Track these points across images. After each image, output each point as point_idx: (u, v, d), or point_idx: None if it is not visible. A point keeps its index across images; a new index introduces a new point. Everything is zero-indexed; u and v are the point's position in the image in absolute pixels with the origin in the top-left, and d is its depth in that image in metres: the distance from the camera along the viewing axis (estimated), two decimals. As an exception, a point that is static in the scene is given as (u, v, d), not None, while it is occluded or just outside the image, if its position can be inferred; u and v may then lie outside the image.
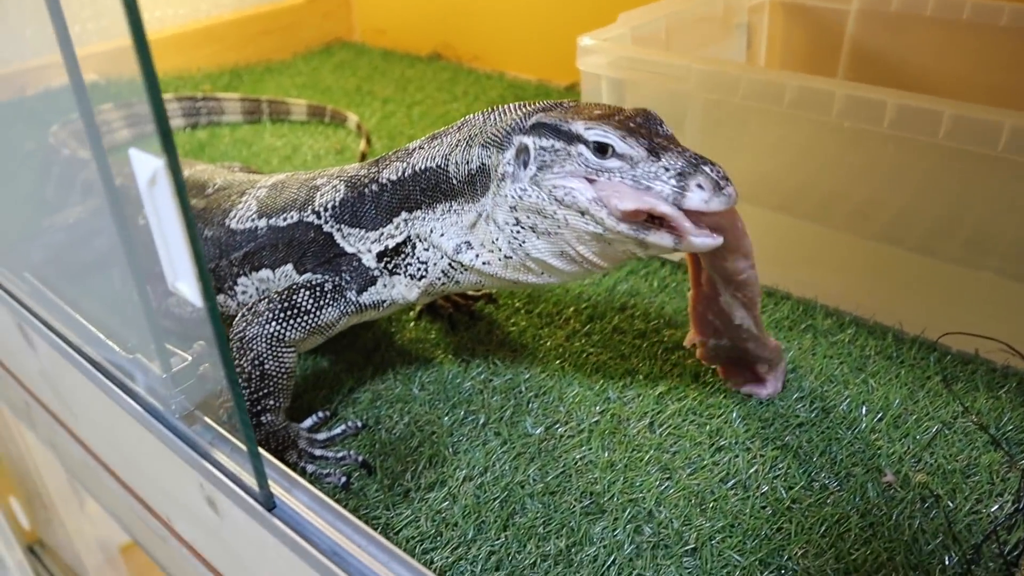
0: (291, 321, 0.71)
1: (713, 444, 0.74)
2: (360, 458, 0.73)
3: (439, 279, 0.74)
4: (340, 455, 0.73)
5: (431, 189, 0.72)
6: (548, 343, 0.89)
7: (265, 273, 0.78)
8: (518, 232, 0.66)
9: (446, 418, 0.79)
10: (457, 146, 0.70)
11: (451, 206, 0.71)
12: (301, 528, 0.52)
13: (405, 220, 0.73)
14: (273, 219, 0.77)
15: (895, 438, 0.73)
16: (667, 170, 0.59)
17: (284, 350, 0.71)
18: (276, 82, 1.76)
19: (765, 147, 0.97)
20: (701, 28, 1.19)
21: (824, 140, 0.88)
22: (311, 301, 0.73)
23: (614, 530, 0.67)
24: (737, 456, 0.73)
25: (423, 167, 0.72)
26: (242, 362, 0.70)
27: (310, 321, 0.72)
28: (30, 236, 0.95)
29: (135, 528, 0.86)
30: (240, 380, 0.70)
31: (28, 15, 1.74)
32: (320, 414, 0.78)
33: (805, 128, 0.88)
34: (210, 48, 1.89)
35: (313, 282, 0.74)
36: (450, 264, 0.73)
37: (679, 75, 0.91)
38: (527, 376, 0.84)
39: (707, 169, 0.59)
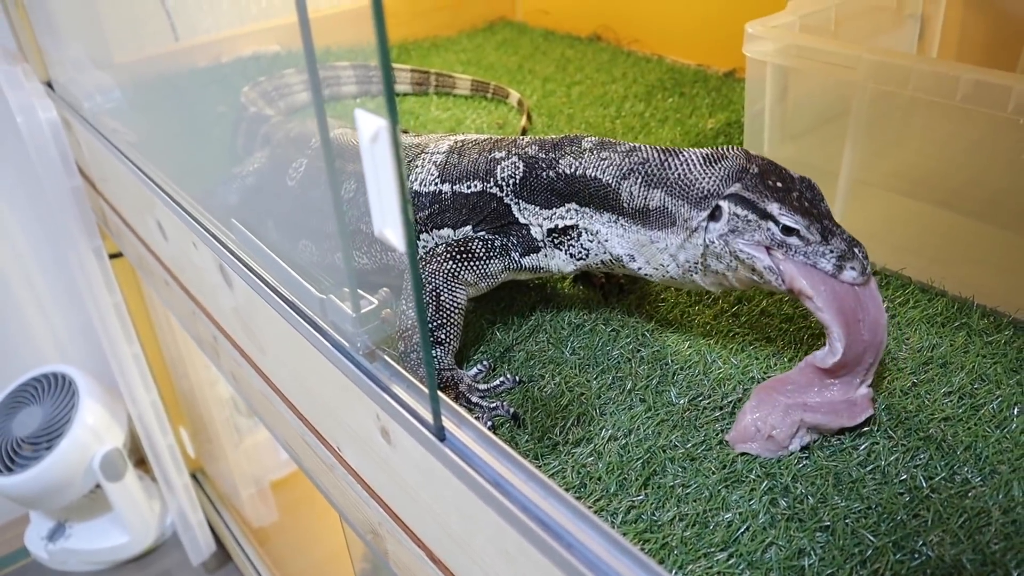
0: (464, 263, 0.83)
1: (854, 429, 0.76)
2: (512, 411, 0.79)
3: (597, 264, 0.85)
4: (493, 405, 0.80)
5: (600, 198, 0.82)
6: (696, 320, 0.92)
7: (447, 232, 0.88)
8: (692, 267, 0.79)
9: (595, 382, 0.84)
10: (631, 176, 0.81)
11: (618, 220, 0.82)
12: (468, 458, 0.58)
13: (575, 210, 0.84)
14: (457, 186, 0.87)
15: (1047, 441, 0.73)
16: (832, 252, 0.71)
17: (458, 286, 0.83)
18: (441, 58, 1.84)
19: (932, 141, 0.96)
20: (872, 17, 1.18)
21: (997, 137, 0.86)
22: (482, 251, 0.85)
23: (750, 500, 0.70)
24: (878, 443, 0.74)
25: (593, 175, 0.83)
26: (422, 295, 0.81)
27: (479, 267, 0.84)
28: (230, 186, 1.06)
29: (304, 456, 0.96)
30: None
31: (225, -9, 1.89)
32: (484, 363, 0.85)
33: (977, 123, 0.87)
34: (381, 23, 2.00)
35: (486, 237, 0.85)
36: (612, 260, 0.84)
37: (847, 64, 0.91)
38: (674, 350, 0.87)
39: (858, 253, 0.71)
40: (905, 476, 0.71)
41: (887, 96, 0.93)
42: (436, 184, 0.88)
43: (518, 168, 0.86)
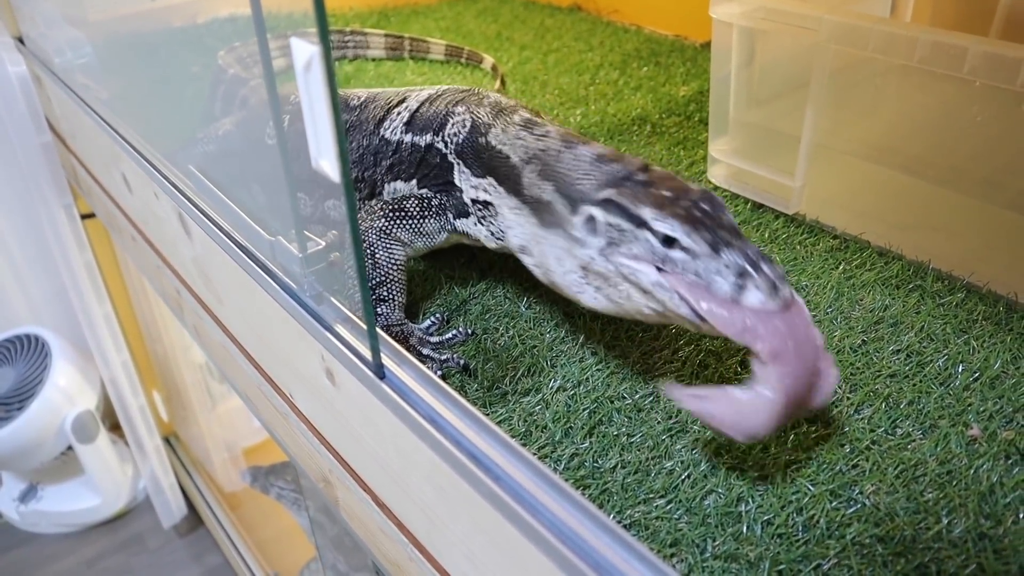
0: (398, 221, 0.80)
1: (802, 384, 0.76)
2: (462, 362, 0.79)
3: (514, 249, 0.79)
4: (444, 357, 0.80)
5: (509, 177, 0.76)
6: (652, 279, 0.92)
7: (399, 184, 0.86)
8: (580, 282, 0.70)
9: (548, 335, 0.84)
10: (533, 162, 0.74)
11: (519, 205, 0.75)
12: (406, 395, 0.59)
13: (493, 187, 0.78)
14: (416, 136, 0.85)
15: (988, 397, 0.73)
16: (728, 267, 0.60)
17: (392, 244, 0.80)
18: (421, 24, 1.83)
19: (895, 107, 0.96)
20: (844, -15, 1.17)
21: (956, 100, 0.87)
22: (416, 209, 0.81)
23: (693, 449, 0.70)
24: (824, 397, 0.75)
25: (506, 152, 0.77)
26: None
27: (413, 225, 0.81)
28: (196, 139, 1.06)
29: (261, 407, 0.96)
30: None
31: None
32: (437, 316, 0.85)
33: (937, 86, 0.87)
34: (363, -12, 1.99)
35: (424, 195, 0.82)
36: (516, 249, 0.78)
37: (810, 26, 0.91)
38: (628, 305, 0.87)
39: (766, 269, 0.59)
40: (848, 429, 0.71)
41: (850, 60, 0.93)
42: (401, 133, 0.86)
43: (464, 127, 0.81)
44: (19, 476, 2.17)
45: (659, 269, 0.63)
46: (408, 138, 0.85)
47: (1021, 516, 0.63)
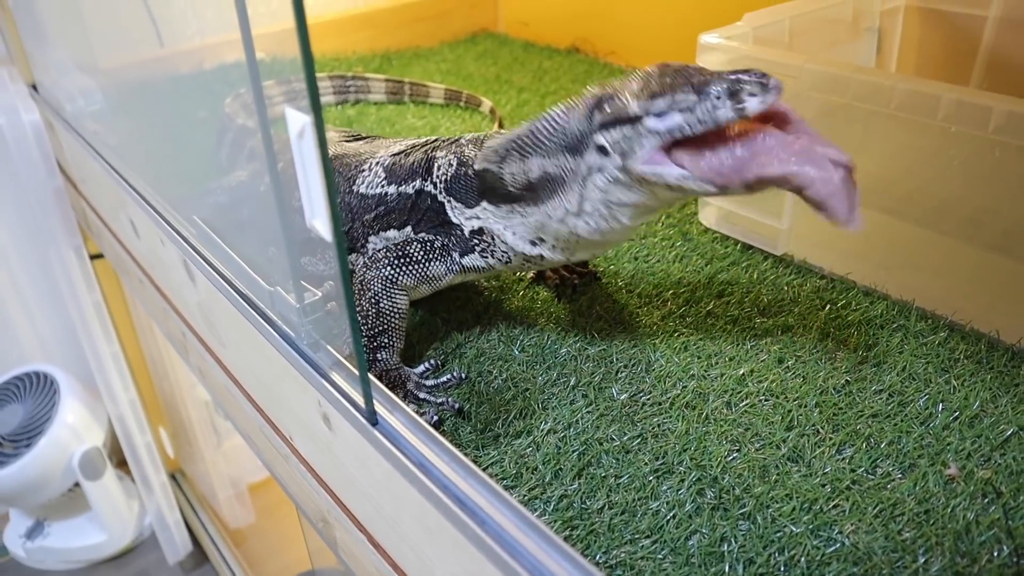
0: (403, 268, 0.83)
1: (785, 424, 0.78)
2: (457, 405, 0.82)
3: (524, 264, 0.85)
4: (440, 400, 0.82)
5: (496, 191, 0.81)
6: (644, 320, 0.95)
7: (392, 233, 0.89)
8: (607, 213, 0.75)
9: (540, 378, 0.86)
10: (508, 156, 0.80)
11: (513, 208, 0.81)
12: (397, 442, 0.61)
13: (484, 209, 0.83)
14: (402, 186, 0.88)
15: (967, 436, 0.75)
16: (719, 96, 0.65)
17: (397, 292, 0.83)
18: (422, 67, 1.88)
19: (878, 149, 0.99)
20: (828, 31, 1.21)
21: (933, 145, 0.89)
22: (421, 253, 0.84)
23: (678, 490, 0.72)
24: (805, 437, 0.77)
25: (483, 168, 0.82)
26: (362, 301, 0.82)
27: (419, 270, 0.84)
28: (201, 189, 1.09)
29: (263, 448, 0.98)
30: (360, 318, 0.81)
31: (210, -3, 1.92)
32: (432, 362, 0.88)
33: (915, 132, 0.90)
34: (366, 33, 2.04)
35: (425, 238, 0.85)
36: (526, 257, 0.83)
37: (792, 74, 0.94)
38: (620, 348, 0.90)
39: (748, 77, 0.64)
40: (829, 469, 0.73)
41: (832, 106, 0.96)
42: (383, 186, 0.89)
43: (452, 165, 0.85)
44: (26, 512, 2.19)
45: (672, 152, 0.68)
46: (392, 189, 0.88)
47: (996, 554, 0.64)
